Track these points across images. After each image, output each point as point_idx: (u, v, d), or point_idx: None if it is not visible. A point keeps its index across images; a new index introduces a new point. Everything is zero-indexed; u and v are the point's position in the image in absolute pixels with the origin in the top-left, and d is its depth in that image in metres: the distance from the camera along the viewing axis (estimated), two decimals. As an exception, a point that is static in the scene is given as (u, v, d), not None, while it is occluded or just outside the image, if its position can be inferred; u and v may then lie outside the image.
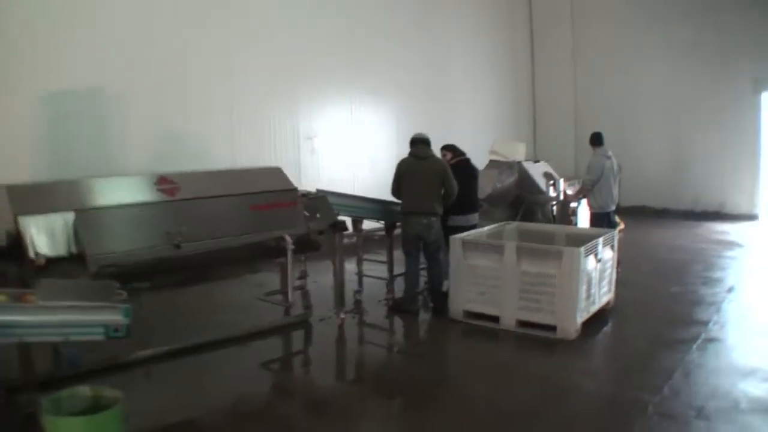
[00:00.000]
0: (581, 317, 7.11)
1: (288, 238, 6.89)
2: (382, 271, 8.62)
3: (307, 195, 7.47)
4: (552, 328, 7.02)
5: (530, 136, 17.44)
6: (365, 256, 8.63)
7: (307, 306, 7.79)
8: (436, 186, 7.81)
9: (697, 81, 15.08)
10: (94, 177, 6.71)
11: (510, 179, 10.25)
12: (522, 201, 10.26)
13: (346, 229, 7.49)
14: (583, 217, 10.28)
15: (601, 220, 9.65)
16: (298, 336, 7.47)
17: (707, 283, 9.23)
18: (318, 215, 7.31)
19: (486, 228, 8.39)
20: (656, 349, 6.70)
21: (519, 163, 10.51)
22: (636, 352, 6.70)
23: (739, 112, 14.70)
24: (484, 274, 7.50)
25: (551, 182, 10.19)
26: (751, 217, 14.80)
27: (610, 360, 6.74)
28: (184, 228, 6.17)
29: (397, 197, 8.05)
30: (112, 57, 8.87)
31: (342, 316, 7.58)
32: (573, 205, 10.14)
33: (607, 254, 7.83)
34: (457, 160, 8.52)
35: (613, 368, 6.42)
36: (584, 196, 10.15)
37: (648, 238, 13.01)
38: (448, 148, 8.69)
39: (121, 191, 6.24)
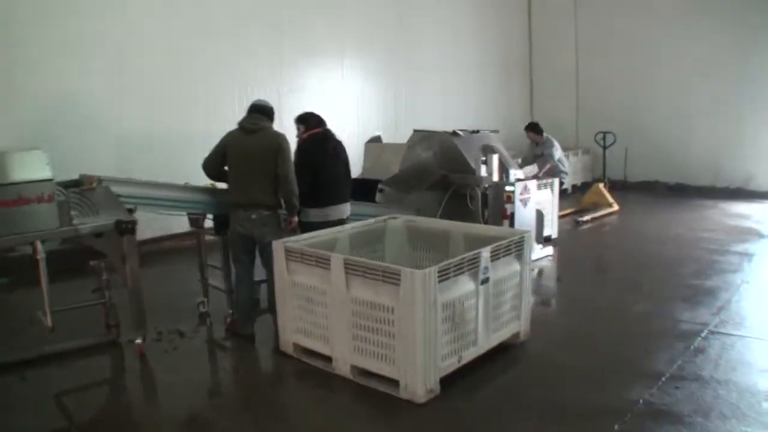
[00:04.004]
0: (439, 370, 4.12)
1: (39, 246, 4.62)
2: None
3: (79, 185, 5.00)
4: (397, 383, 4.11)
5: (526, 100, 13.88)
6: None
7: (113, 324, 5.26)
8: (268, 169, 5.07)
9: (718, 30, 11.20)
10: None
11: (426, 154, 7.02)
12: (450, 183, 7.01)
13: (132, 231, 4.87)
14: (527, 207, 6.96)
15: None
16: (83, 367, 4.90)
17: (691, 298, 5.94)
18: (93, 212, 4.90)
19: (348, 225, 5.39)
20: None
21: (443, 133, 7.23)
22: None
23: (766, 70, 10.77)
24: (312, 297, 4.59)
25: (483, 159, 6.88)
26: (782, 196, 10.87)
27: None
28: None
29: (211, 176, 5.38)
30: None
31: (138, 341, 5.01)
32: (509, 189, 6.83)
33: (509, 268, 4.67)
34: (309, 135, 5.56)
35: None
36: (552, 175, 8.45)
37: (643, 222, 9.60)
38: (301, 120, 5.80)
39: None
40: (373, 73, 10.71)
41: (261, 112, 5.18)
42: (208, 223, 5.66)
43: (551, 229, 8.13)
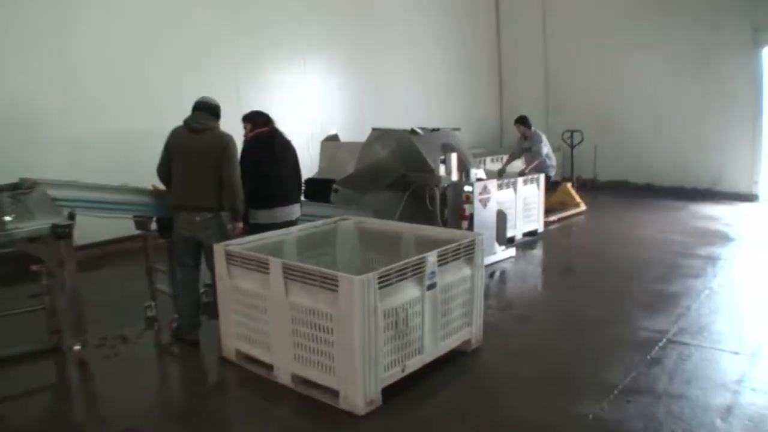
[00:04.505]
0: (381, 380, 3.89)
1: None
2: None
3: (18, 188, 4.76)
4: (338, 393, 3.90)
5: (495, 98, 13.66)
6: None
7: (54, 330, 4.97)
8: (212, 170, 4.80)
9: (687, 31, 11.02)
10: None
11: (384, 153, 6.76)
12: (409, 183, 6.76)
13: (68, 235, 4.52)
14: (487, 207, 6.73)
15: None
16: (20, 374, 4.65)
17: (653, 305, 5.72)
18: (29, 216, 4.57)
19: (296, 227, 5.16)
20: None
21: (401, 131, 6.98)
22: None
23: (736, 70, 10.65)
24: (253, 302, 4.34)
25: (442, 158, 6.63)
26: (750, 197, 10.74)
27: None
28: None
29: (166, 183, 5.07)
30: None
31: (77, 347, 4.68)
32: (467, 189, 6.58)
33: (459, 273, 4.44)
34: (256, 134, 5.35)
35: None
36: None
37: (610, 223, 9.43)
38: (247, 118, 5.56)
39: None
40: (337, 71, 10.40)
41: (207, 110, 4.92)
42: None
43: (537, 224, 8.29)
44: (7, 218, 4.48)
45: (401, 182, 6.71)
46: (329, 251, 5.29)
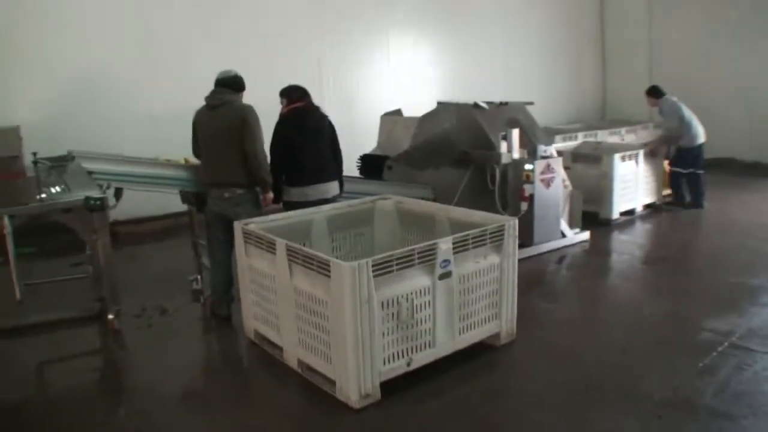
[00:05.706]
0: (380, 374, 3.57)
1: (6, 221, 4.35)
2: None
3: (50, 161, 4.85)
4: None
5: (598, 73, 12.62)
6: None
7: (99, 298, 5.05)
8: (235, 145, 4.63)
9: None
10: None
11: (442, 127, 6.28)
12: (471, 160, 6.26)
13: (101, 207, 4.51)
14: (551, 188, 6.13)
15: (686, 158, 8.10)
16: (52, 340, 4.72)
17: (725, 299, 5.00)
18: (65, 188, 4.66)
19: (328, 206, 4.89)
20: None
21: (463, 104, 6.45)
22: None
23: None
24: (265, 283, 4.19)
25: (503, 134, 6.04)
26: None
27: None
28: None
29: (199, 158, 5.02)
30: None
31: (110, 317, 4.77)
32: (527, 167, 5.98)
33: (485, 261, 4.02)
34: (290, 109, 5.08)
35: None
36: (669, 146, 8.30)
37: (706, 204, 8.36)
38: (284, 93, 5.26)
39: None
40: (424, 46, 9.93)
41: (225, 84, 4.74)
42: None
43: (656, 197, 8.18)
44: (53, 190, 4.58)
45: (463, 160, 6.23)
46: (366, 231, 5.00)
